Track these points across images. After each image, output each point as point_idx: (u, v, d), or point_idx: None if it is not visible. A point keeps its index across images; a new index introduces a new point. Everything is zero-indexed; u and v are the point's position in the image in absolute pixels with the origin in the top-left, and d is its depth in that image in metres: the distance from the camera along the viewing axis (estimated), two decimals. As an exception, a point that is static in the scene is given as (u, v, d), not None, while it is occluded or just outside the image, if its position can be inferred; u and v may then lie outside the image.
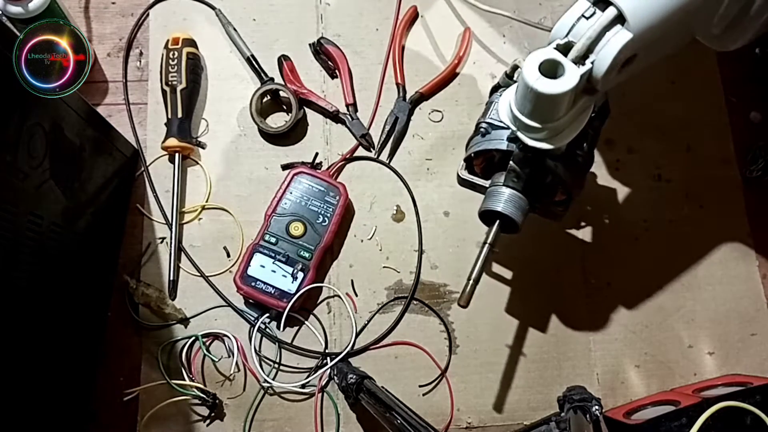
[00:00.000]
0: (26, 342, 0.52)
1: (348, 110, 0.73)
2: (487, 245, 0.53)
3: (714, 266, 0.71)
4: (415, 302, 0.69)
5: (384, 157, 0.73)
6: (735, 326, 0.69)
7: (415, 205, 0.71)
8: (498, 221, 0.53)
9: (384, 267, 0.69)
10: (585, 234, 0.71)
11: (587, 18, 0.44)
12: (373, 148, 0.73)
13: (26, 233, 0.50)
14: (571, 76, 0.42)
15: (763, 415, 0.49)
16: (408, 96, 0.74)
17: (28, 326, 0.52)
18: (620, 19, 0.43)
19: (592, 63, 0.43)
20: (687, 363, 0.68)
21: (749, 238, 0.71)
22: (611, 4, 0.42)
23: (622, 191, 0.72)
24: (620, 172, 0.72)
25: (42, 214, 0.53)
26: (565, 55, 0.43)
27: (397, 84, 0.74)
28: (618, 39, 0.43)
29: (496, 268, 0.69)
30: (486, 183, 0.56)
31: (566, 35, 0.44)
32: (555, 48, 0.44)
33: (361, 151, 0.73)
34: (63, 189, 0.56)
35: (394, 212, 0.71)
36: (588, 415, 0.53)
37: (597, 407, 0.53)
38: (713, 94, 0.75)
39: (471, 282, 0.52)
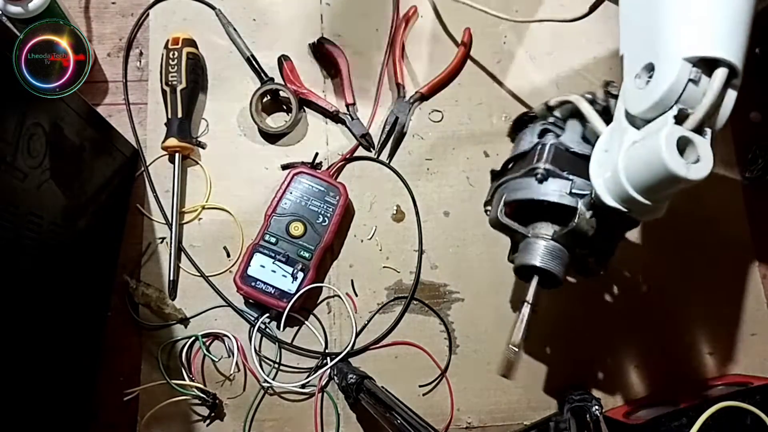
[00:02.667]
0: (27, 342, 0.52)
1: (348, 110, 0.73)
2: (528, 305, 0.48)
3: (714, 266, 0.71)
4: (415, 302, 0.69)
5: (384, 157, 0.73)
6: (735, 326, 0.69)
7: (415, 205, 0.71)
8: (538, 278, 0.48)
9: (384, 267, 0.69)
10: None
11: (696, 82, 0.38)
12: (373, 148, 0.73)
13: (26, 233, 0.50)
14: (707, 154, 0.38)
15: (763, 415, 0.49)
16: (408, 96, 0.74)
17: (28, 326, 0.52)
18: (728, 77, 0.39)
19: (711, 129, 0.39)
20: (687, 363, 0.68)
21: (749, 238, 0.71)
22: (719, 62, 0.38)
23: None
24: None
25: (42, 214, 0.53)
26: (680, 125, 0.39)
27: (397, 84, 0.74)
28: (730, 98, 0.39)
29: (497, 267, 0.69)
30: (525, 231, 0.50)
31: (674, 103, 0.39)
32: (675, 121, 0.38)
33: (361, 151, 0.73)
34: (63, 189, 0.56)
35: (394, 212, 0.71)
36: (588, 415, 0.53)
37: (597, 407, 0.53)
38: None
39: (512, 349, 0.46)
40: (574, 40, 0.76)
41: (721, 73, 0.38)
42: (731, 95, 0.39)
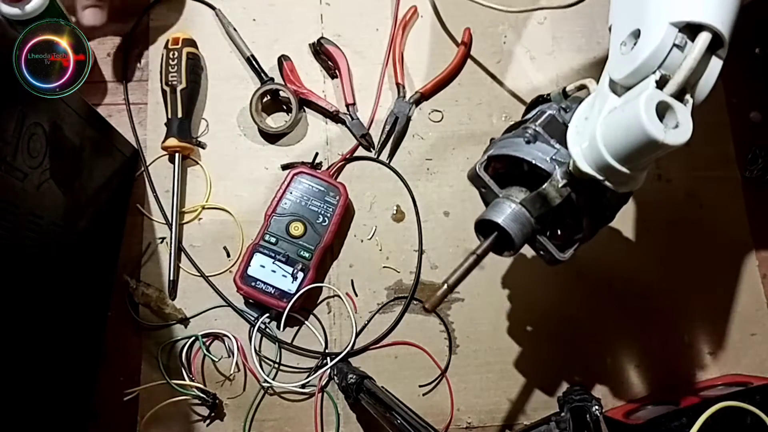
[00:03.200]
0: (27, 342, 0.52)
1: (348, 110, 0.73)
2: (475, 255, 0.47)
3: (714, 266, 0.71)
4: (415, 302, 0.69)
5: (384, 157, 0.73)
6: (735, 326, 0.69)
7: (415, 205, 0.71)
8: (495, 234, 0.47)
9: (384, 267, 0.69)
10: (585, 234, 0.71)
11: (681, 48, 0.38)
12: (373, 148, 0.73)
13: (26, 233, 0.50)
14: (687, 120, 0.38)
15: (763, 415, 0.49)
16: (408, 96, 0.74)
17: (28, 326, 0.52)
18: (713, 45, 0.38)
19: (692, 98, 0.39)
20: (687, 363, 0.68)
21: (749, 238, 0.72)
22: (704, 28, 0.37)
23: (622, 191, 0.72)
24: (620, 172, 0.72)
25: (42, 214, 0.53)
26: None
27: (397, 84, 0.74)
28: (714, 67, 0.38)
29: (496, 267, 0.69)
30: (499, 191, 0.50)
31: (657, 68, 0.38)
32: (656, 86, 0.38)
33: (361, 151, 0.73)
34: (63, 189, 0.56)
35: (394, 212, 0.71)
36: (588, 415, 0.53)
37: (597, 407, 0.53)
38: (713, 94, 0.75)
39: (445, 287, 0.45)
40: (574, 40, 0.76)
41: (704, 37, 0.37)
42: (715, 64, 0.39)
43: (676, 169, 0.73)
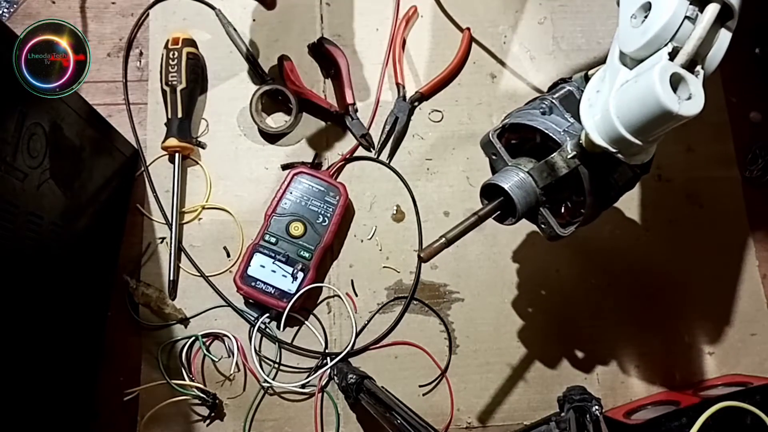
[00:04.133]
0: (27, 342, 0.52)
1: (348, 110, 0.73)
2: (476, 216, 0.47)
3: (714, 266, 0.71)
4: (415, 302, 0.69)
5: (384, 157, 0.73)
6: (735, 326, 0.69)
7: (415, 205, 0.71)
8: (500, 199, 0.48)
9: (384, 267, 0.69)
10: (585, 233, 0.71)
11: (692, 20, 0.38)
12: (373, 148, 0.73)
13: (26, 233, 0.50)
14: (699, 92, 0.38)
15: (763, 415, 0.49)
16: (408, 96, 0.74)
17: (28, 326, 0.52)
18: (721, 16, 0.38)
19: (703, 70, 0.39)
20: (687, 363, 0.68)
21: (749, 238, 0.72)
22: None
23: (622, 191, 0.72)
24: (620, 172, 0.72)
25: (42, 214, 0.53)
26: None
27: (397, 84, 0.74)
28: (723, 39, 0.39)
29: (497, 267, 0.69)
30: (509, 159, 0.50)
31: (669, 41, 0.39)
32: (668, 57, 0.38)
33: (361, 151, 0.73)
34: (63, 189, 0.56)
35: (394, 212, 0.71)
36: (588, 415, 0.53)
37: (597, 407, 0.53)
38: (713, 94, 0.75)
39: (443, 240, 0.46)
40: (574, 40, 0.76)
41: (713, 8, 0.38)
42: (725, 36, 0.39)
43: (676, 169, 0.73)
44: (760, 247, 0.71)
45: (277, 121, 0.73)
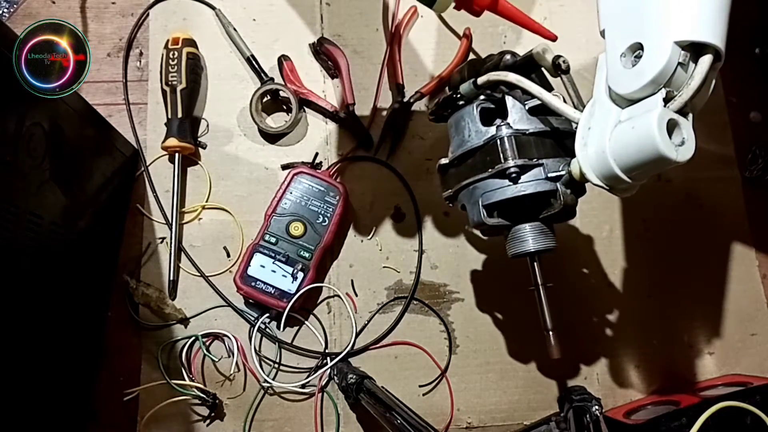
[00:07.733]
0: (27, 342, 0.52)
1: (348, 110, 0.73)
2: (541, 287, 0.52)
3: (714, 266, 0.71)
4: (415, 302, 0.69)
5: (384, 157, 0.73)
6: (735, 326, 0.69)
7: (415, 205, 0.71)
8: (537, 259, 0.52)
9: (384, 267, 0.69)
10: (585, 233, 0.71)
11: (684, 66, 0.39)
12: (373, 148, 0.73)
13: (26, 233, 0.50)
14: (691, 135, 0.39)
15: (763, 415, 0.49)
16: (408, 96, 0.74)
17: (28, 326, 0.52)
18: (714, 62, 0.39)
19: (691, 112, 0.40)
20: (687, 363, 0.68)
21: (749, 238, 0.72)
22: (706, 46, 0.38)
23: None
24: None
25: (42, 214, 0.53)
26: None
27: (397, 84, 0.74)
28: (711, 80, 0.40)
29: (497, 267, 0.69)
30: (510, 224, 0.53)
31: (662, 86, 0.40)
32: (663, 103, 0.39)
33: (361, 151, 0.73)
34: (63, 189, 0.56)
35: (394, 212, 0.71)
36: (588, 415, 0.53)
37: (597, 407, 0.53)
38: (713, 94, 0.75)
39: (551, 332, 0.52)
40: (574, 40, 0.76)
41: (707, 59, 0.39)
42: (712, 77, 0.40)
43: (676, 169, 0.72)
44: (760, 247, 0.71)
45: (277, 121, 0.73)
